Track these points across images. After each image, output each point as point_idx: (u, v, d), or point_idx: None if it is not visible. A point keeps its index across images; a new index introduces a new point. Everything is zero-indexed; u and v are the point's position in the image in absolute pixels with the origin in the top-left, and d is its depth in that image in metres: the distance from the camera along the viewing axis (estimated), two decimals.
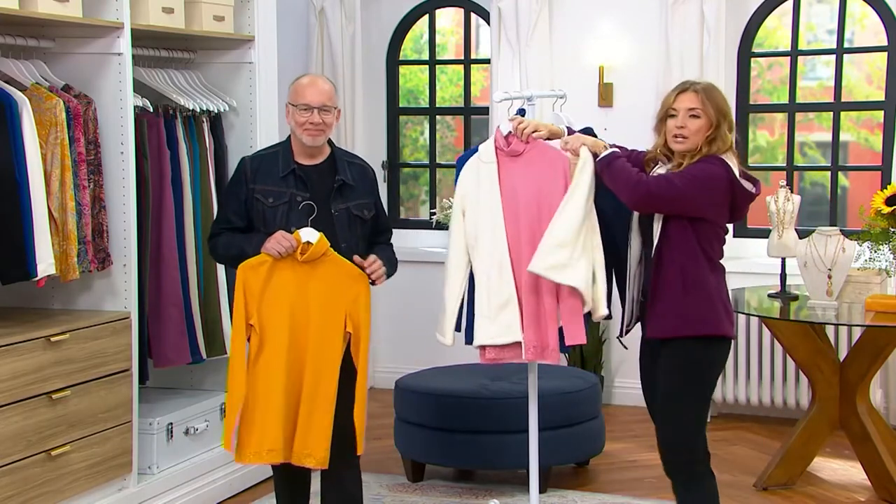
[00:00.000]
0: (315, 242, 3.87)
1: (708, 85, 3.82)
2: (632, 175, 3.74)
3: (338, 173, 4.01)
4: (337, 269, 3.92)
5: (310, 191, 3.96)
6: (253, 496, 5.10)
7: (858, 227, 5.26)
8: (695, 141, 3.75)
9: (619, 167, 3.78)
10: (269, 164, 4.00)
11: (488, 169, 4.11)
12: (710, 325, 3.74)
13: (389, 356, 7.08)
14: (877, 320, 4.82)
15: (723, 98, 3.80)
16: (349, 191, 4.01)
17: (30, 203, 4.11)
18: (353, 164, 4.09)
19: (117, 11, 4.46)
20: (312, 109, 3.95)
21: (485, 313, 4.05)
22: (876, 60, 6.48)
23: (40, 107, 4.21)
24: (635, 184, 3.71)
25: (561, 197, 3.97)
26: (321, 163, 4.02)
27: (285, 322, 3.90)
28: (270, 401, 3.89)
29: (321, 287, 3.91)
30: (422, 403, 5.16)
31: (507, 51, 6.64)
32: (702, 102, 3.74)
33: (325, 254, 3.89)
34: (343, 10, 6.89)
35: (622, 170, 3.76)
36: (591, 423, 5.24)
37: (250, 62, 5.24)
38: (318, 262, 3.90)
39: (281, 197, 3.95)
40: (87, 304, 4.55)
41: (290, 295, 3.90)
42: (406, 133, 7.46)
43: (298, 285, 3.90)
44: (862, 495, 5.08)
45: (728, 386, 6.35)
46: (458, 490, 5.16)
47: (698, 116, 3.74)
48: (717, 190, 3.71)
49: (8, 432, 3.96)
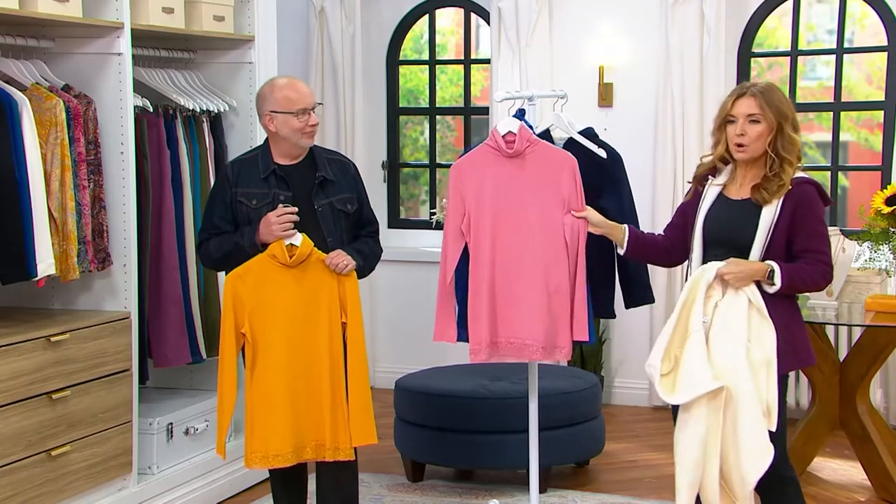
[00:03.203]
0: (300, 245, 3.92)
1: (766, 86, 3.66)
2: (810, 272, 3.60)
3: (318, 170, 4.04)
4: (323, 266, 3.96)
5: (292, 189, 4.00)
6: (253, 496, 5.10)
7: (858, 227, 5.26)
8: (755, 148, 3.62)
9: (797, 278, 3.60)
10: (250, 167, 4.04)
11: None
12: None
13: (389, 356, 7.07)
14: (877, 320, 4.82)
15: (782, 98, 3.64)
16: (331, 186, 4.04)
17: (30, 203, 4.11)
18: (332, 160, 4.13)
19: (117, 11, 4.46)
20: (309, 112, 3.97)
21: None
22: (876, 60, 6.48)
23: (40, 107, 4.21)
24: (823, 278, 3.61)
25: (557, 199, 3.97)
26: (300, 162, 4.06)
27: (280, 326, 3.93)
28: (274, 406, 3.93)
29: (310, 287, 3.95)
30: (422, 403, 5.16)
31: (507, 51, 6.64)
32: (760, 107, 3.59)
33: (310, 254, 3.94)
34: (343, 10, 6.89)
35: (798, 276, 3.60)
36: (591, 423, 5.24)
37: (250, 62, 5.24)
38: (305, 263, 3.94)
39: (264, 198, 3.98)
40: (87, 304, 4.55)
41: (281, 299, 3.93)
42: (406, 133, 7.46)
43: (288, 289, 3.94)
44: (862, 495, 5.08)
45: None
46: (458, 490, 5.16)
47: (758, 121, 3.60)
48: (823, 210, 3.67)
49: (8, 432, 3.96)
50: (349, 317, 3.98)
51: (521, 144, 4.06)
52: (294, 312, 3.94)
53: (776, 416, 3.51)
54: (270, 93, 4.01)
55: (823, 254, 3.62)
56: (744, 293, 3.57)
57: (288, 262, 3.92)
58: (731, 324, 3.56)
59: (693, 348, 3.58)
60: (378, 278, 6.52)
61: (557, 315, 4.01)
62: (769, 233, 3.60)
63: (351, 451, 3.99)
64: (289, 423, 3.93)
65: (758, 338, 3.54)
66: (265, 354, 3.94)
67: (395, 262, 6.73)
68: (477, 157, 4.12)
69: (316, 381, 3.96)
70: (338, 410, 3.97)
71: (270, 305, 3.93)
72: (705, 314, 3.59)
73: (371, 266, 4.14)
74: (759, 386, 3.50)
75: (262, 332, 3.94)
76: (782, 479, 3.68)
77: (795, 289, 3.63)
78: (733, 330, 3.55)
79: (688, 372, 3.57)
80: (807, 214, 3.60)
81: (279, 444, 3.94)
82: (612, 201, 4.35)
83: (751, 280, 3.58)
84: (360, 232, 4.17)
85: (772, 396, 3.51)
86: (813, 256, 3.60)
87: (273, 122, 4.00)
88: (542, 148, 4.08)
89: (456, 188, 4.11)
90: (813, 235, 3.61)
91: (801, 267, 3.60)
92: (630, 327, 6.51)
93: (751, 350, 3.53)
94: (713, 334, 3.58)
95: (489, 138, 4.12)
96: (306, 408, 3.96)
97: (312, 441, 3.98)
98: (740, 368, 3.51)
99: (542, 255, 4.03)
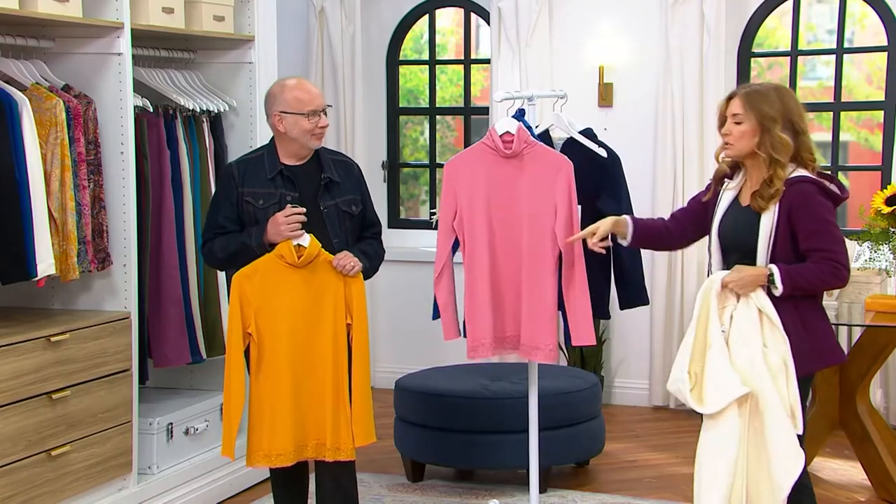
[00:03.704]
0: (308, 245, 3.92)
1: (754, 88, 3.68)
2: (814, 272, 3.55)
3: (324, 171, 4.04)
4: (330, 268, 3.96)
5: (298, 190, 4.00)
6: (253, 496, 5.10)
7: (858, 227, 5.26)
8: (740, 147, 3.63)
9: (800, 278, 3.55)
10: (255, 167, 4.03)
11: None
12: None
13: (389, 356, 7.07)
14: (877, 320, 4.82)
15: (773, 100, 3.61)
16: (336, 188, 4.05)
17: (30, 203, 4.11)
18: (337, 161, 4.13)
19: (117, 11, 4.46)
20: (319, 114, 3.97)
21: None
22: (876, 60, 6.48)
23: (40, 107, 4.21)
24: (832, 275, 3.56)
25: (551, 203, 3.99)
26: (306, 163, 4.06)
27: (286, 327, 3.94)
28: (277, 406, 3.94)
29: (317, 287, 3.95)
30: (422, 403, 5.16)
31: (507, 51, 6.64)
32: (743, 108, 3.61)
33: (318, 255, 3.94)
34: (343, 10, 6.89)
35: (802, 276, 3.56)
36: (591, 423, 5.24)
37: (250, 62, 5.24)
38: (312, 263, 3.94)
39: (270, 198, 3.98)
40: (87, 304, 4.55)
41: (287, 299, 3.94)
42: (406, 133, 7.46)
43: (295, 289, 3.94)
44: (862, 495, 5.08)
45: None
46: (458, 490, 5.16)
47: (741, 122, 3.62)
48: (830, 208, 3.61)
49: (8, 432, 3.96)
50: (355, 318, 3.98)
51: (518, 145, 4.07)
52: (300, 312, 3.94)
53: (801, 417, 3.49)
54: (280, 93, 4.00)
55: (830, 251, 3.54)
56: (752, 300, 3.56)
57: (296, 262, 3.92)
58: (745, 331, 3.55)
59: (715, 357, 3.56)
60: (378, 278, 6.42)
61: (537, 316, 4.03)
62: (771, 237, 3.59)
63: (352, 452, 4.00)
64: (291, 422, 3.94)
65: (772, 343, 3.53)
66: (270, 353, 3.94)
67: (396, 262, 6.70)
68: (473, 155, 4.13)
69: (319, 381, 3.96)
70: (340, 411, 3.97)
71: (276, 305, 3.93)
72: (722, 323, 3.58)
73: (375, 267, 4.14)
74: (781, 390, 3.49)
75: (267, 332, 3.94)
76: (801, 487, 3.60)
77: (802, 289, 3.58)
78: (748, 337, 3.54)
79: (714, 380, 3.54)
80: (804, 213, 3.57)
81: (281, 443, 3.94)
82: (610, 203, 4.36)
83: (754, 286, 3.57)
84: (364, 233, 4.17)
85: (794, 398, 3.50)
86: (819, 255, 3.55)
87: (282, 123, 3.99)
88: (540, 150, 4.09)
89: (449, 185, 4.14)
90: (814, 234, 3.56)
91: (804, 267, 3.57)
92: (630, 327, 6.51)
93: (767, 355, 3.52)
94: (731, 342, 3.57)
95: (486, 137, 4.13)
96: (309, 407, 3.97)
97: (314, 440, 3.99)
98: (761, 374, 3.50)
99: (529, 257, 4.05)
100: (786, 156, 3.60)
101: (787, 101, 3.64)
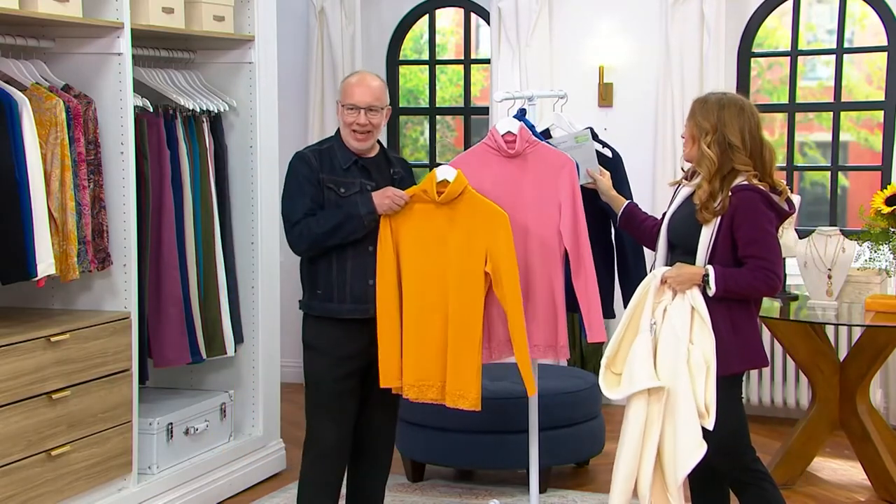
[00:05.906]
0: (453, 181, 3.86)
1: (703, 99, 3.73)
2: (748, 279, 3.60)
3: (392, 166, 4.08)
4: (474, 207, 3.90)
5: (373, 180, 4.01)
6: (253, 496, 5.10)
7: (858, 227, 5.26)
8: (687, 152, 3.77)
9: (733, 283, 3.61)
10: (329, 157, 4.02)
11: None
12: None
13: None
14: (877, 320, 4.82)
15: (710, 113, 3.65)
16: (402, 184, 4.05)
17: (30, 203, 4.11)
18: (398, 158, 4.21)
19: (117, 11, 4.46)
20: (359, 110, 3.97)
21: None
22: (876, 60, 6.49)
23: (40, 107, 4.21)
24: (765, 283, 3.60)
25: (555, 202, 3.98)
26: (376, 156, 4.08)
27: (425, 263, 3.91)
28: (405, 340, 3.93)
29: (460, 227, 3.90)
30: (422, 403, 5.15)
31: (507, 51, 6.64)
32: (687, 116, 3.75)
33: (462, 192, 3.87)
34: (343, 10, 6.89)
35: (735, 281, 3.61)
36: (591, 423, 5.24)
37: (250, 62, 5.24)
38: (456, 201, 3.88)
39: (351, 187, 3.97)
40: (87, 304, 4.55)
41: (428, 236, 3.91)
42: (406, 133, 7.46)
43: (437, 226, 3.91)
44: (862, 495, 5.08)
45: None
46: (458, 490, 5.16)
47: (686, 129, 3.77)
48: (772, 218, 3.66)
49: (8, 432, 3.96)
50: (502, 266, 3.87)
51: (521, 145, 4.07)
52: (436, 251, 3.90)
53: (713, 415, 3.56)
54: (343, 82, 4.06)
55: (764, 260, 3.60)
56: (688, 297, 3.64)
57: (436, 199, 3.88)
58: (676, 326, 3.64)
59: (638, 348, 3.66)
60: None
61: (546, 315, 4.03)
62: (711, 239, 3.65)
63: (477, 402, 3.94)
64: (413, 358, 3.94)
65: (699, 341, 3.61)
66: (407, 290, 3.92)
67: None
68: (475, 156, 4.13)
69: (451, 324, 3.91)
70: (463, 357, 3.90)
71: (415, 241, 3.90)
72: (654, 317, 3.68)
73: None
74: (696, 388, 3.57)
75: (406, 267, 3.91)
76: (755, 473, 3.76)
77: (734, 293, 3.63)
78: (678, 332, 3.62)
79: (629, 369, 3.66)
80: (743, 221, 3.61)
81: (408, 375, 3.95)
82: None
83: (690, 284, 3.65)
84: None
85: (709, 397, 3.57)
86: (755, 262, 3.61)
87: (338, 112, 4.04)
88: (542, 149, 4.09)
89: None
90: (753, 242, 3.61)
91: (740, 272, 3.62)
92: None
93: (691, 352, 3.60)
94: (662, 336, 3.66)
95: (488, 138, 4.13)
96: (429, 347, 3.94)
97: (439, 381, 3.98)
98: (680, 371, 3.59)
99: (536, 257, 4.05)
100: (706, 169, 3.66)
101: (724, 114, 3.65)
